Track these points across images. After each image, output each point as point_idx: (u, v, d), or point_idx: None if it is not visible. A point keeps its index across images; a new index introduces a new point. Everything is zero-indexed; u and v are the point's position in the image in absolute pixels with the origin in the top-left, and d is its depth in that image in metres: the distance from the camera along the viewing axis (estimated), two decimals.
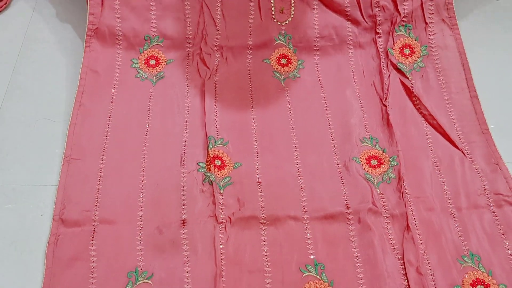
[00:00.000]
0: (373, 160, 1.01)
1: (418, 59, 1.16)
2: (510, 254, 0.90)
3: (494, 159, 1.02)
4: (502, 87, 1.18)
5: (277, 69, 1.17)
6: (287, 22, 1.20)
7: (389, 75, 1.14)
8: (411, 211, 0.94)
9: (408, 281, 0.86)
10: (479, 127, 1.06)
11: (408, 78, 1.13)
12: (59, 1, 1.29)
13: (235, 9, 1.19)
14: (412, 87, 1.12)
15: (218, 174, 0.97)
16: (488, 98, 1.14)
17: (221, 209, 0.93)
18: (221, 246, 0.89)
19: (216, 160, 0.99)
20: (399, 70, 1.14)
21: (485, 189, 0.98)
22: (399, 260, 0.89)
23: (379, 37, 1.18)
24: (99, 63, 1.13)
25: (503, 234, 0.92)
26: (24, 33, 1.22)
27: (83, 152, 0.99)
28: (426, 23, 1.19)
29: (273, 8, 1.20)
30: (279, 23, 1.20)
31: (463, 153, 1.03)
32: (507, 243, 0.91)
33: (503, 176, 0.99)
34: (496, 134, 1.06)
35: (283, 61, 1.18)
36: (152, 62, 1.16)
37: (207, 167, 0.98)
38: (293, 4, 1.21)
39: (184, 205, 0.94)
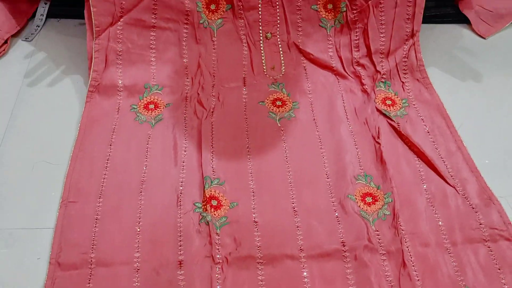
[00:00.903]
0: (368, 197, 1.02)
1: (400, 109, 1.20)
2: None
3: (486, 195, 1.03)
4: (498, 122, 1.20)
5: (272, 110, 1.19)
6: (278, 77, 1.25)
7: (377, 116, 1.17)
8: (407, 247, 0.94)
9: None
10: (467, 166, 1.08)
11: (393, 121, 1.16)
12: (57, 47, 1.33)
13: (229, 66, 1.25)
14: (399, 126, 1.14)
15: (215, 214, 0.98)
16: (484, 132, 1.17)
17: (218, 249, 0.93)
18: (218, 287, 0.88)
19: (212, 200, 0.99)
20: (385, 115, 1.18)
21: (480, 224, 0.98)
22: None
23: (366, 89, 1.23)
24: (99, 112, 1.16)
25: (499, 269, 0.92)
26: (22, 79, 1.25)
27: (80, 194, 1.00)
28: (403, 82, 1.26)
29: (264, 66, 1.25)
30: (271, 78, 1.25)
31: (455, 189, 1.04)
32: (503, 278, 0.91)
33: (497, 211, 1.00)
34: (491, 170, 1.07)
35: (278, 103, 1.21)
36: (151, 106, 1.18)
37: (203, 207, 0.99)
38: (283, 63, 1.26)
39: (180, 245, 0.93)
